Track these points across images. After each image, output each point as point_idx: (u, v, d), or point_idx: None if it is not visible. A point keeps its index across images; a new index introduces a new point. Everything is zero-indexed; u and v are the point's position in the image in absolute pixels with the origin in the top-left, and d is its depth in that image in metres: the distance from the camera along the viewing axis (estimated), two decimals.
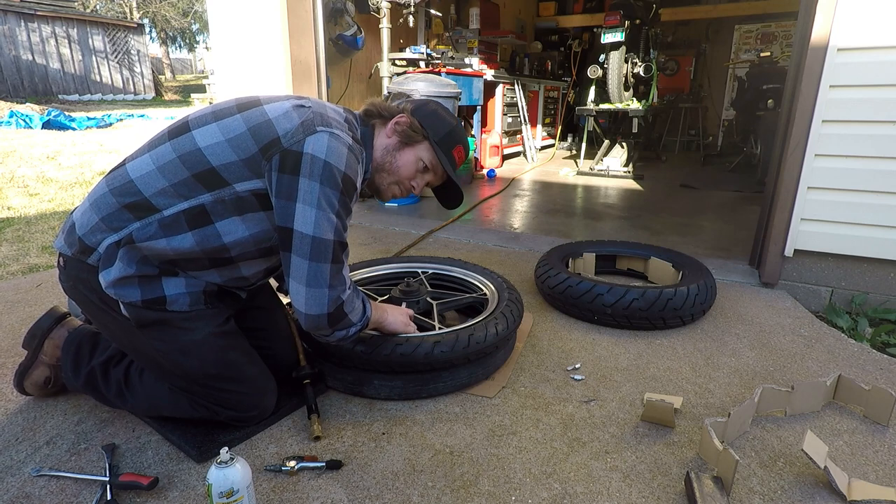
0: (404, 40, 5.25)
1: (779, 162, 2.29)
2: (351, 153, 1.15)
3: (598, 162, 5.65)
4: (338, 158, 1.12)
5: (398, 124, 1.32)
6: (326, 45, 3.56)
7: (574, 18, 8.35)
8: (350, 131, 1.22)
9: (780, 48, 7.31)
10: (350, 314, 1.20)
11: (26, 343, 1.40)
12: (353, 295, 1.21)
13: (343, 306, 1.17)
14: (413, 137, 1.33)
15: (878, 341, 1.94)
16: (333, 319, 1.17)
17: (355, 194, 1.21)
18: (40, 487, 1.13)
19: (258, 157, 1.12)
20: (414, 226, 3.35)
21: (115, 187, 1.14)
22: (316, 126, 1.13)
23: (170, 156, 1.13)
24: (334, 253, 1.13)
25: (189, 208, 1.12)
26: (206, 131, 1.15)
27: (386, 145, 1.34)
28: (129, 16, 20.15)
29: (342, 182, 1.12)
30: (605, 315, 1.91)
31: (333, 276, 1.14)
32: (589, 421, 1.40)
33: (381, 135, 1.34)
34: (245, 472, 0.99)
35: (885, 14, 1.90)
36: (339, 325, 1.20)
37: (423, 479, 1.17)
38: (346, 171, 1.13)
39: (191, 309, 1.20)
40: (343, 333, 1.23)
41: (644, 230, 3.35)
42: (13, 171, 4.69)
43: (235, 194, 1.13)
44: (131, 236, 1.11)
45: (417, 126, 1.33)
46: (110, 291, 1.14)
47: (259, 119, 1.14)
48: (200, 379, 1.23)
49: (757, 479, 1.19)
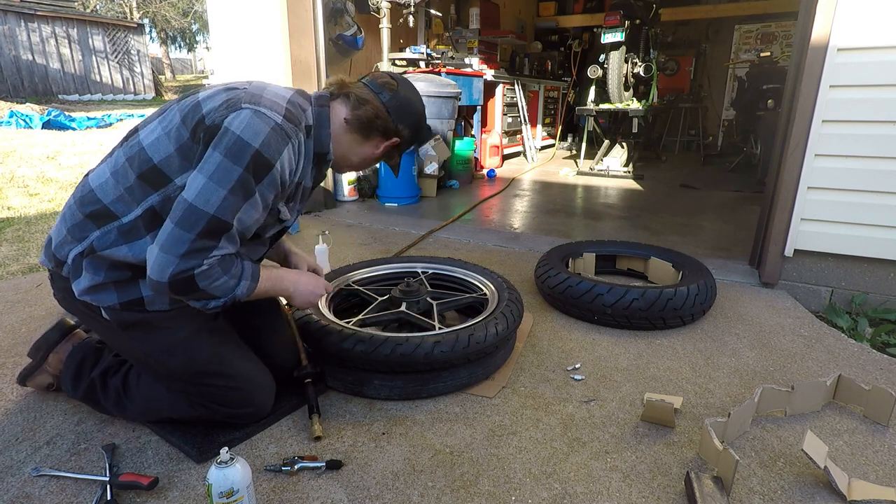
0: (404, 40, 5.25)
1: (779, 162, 2.29)
2: (275, 133, 1.08)
3: (598, 162, 5.65)
4: (253, 135, 1.05)
5: (361, 117, 1.25)
6: (326, 45, 3.56)
7: (574, 18, 8.35)
8: (293, 112, 1.15)
9: (780, 48, 7.31)
10: (209, 288, 1.08)
11: (32, 353, 1.41)
12: (218, 270, 1.08)
13: (195, 279, 1.05)
14: (377, 130, 1.27)
15: (878, 341, 1.94)
16: (178, 289, 1.07)
17: (272, 177, 1.10)
18: (40, 487, 1.13)
19: (190, 143, 1.10)
20: (414, 226, 3.35)
21: (79, 198, 1.15)
22: (241, 103, 1.09)
23: (121, 160, 1.14)
24: (207, 227, 1.04)
25: (143, 213, 1.11)
26: (149, 128, 1.14)
27: (347, 131, 1.27)
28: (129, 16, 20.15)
29: (251, 160, 1.05)
30: (605, 315, 1.91)
31: (193, 249, 1.04)
32: (589, 421, 1.40)
33: (340, 117, 1.27)
34: (245, 472, 0.99)
35: (885, 14, 1.90)
36: (191, 296, 1.10)
37: (423, 479, 1.17)
38: (259, 149, 1.06)
39: (171, 307, 1.19)
40: (200, 304, 1.13)
41: (644, 230, 3.35)
42: (13, 171, 4.68)
43: (179, 189, 1.10)
44: (92, 246, 1.12)
45: (386, 117, 1.26)
46: (86, 298, 1.15)
47: (191, 104, 1.12)
48: (190, 377, 1.22)
49: (757, 479, 1.19)
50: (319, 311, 1.58)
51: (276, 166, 1.09)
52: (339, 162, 1.34)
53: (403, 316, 1.65)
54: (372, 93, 1.26)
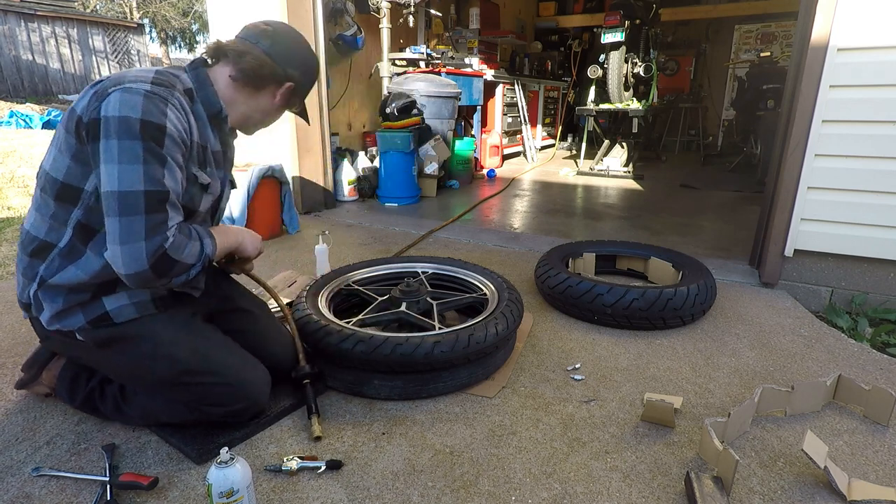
0: (404, 40, 5.25)
1: (779, 162, 2.29)
2: (149, 99, 1.07)
3: (598, 162, 5.65)
4: (131, 109, 1.05)
5: (245, 69, 1.24)
6: (326, 45, 3.56)
7: (574, 18, 8.34)
8: (161, 78, 1.14)
9: (780, 48, 7.31)
10: (183, 258, 1.09)
11: (25, 369, 1.41)
12: (181, 238, 1.09)
13: (169, 254, 1.06)
14: (267, 79, 1.26)
15: (878, 341, 1.94)
16: (161, 270, 1.06)
17: (170, 137, 1.10)
18: (40, 487, 1.14)
19: (79, 147, 1.10)
20: (414, 226, 3.35)
21: (21, 243, 1.20)
22: (108, 89, 1.08)
23: (38, 194, 1.18)
24: (148, 203, 1.04)
25: (74, 231, 1.13)
26: (47, 155, 1.17)
27: (236, 88, 1.26)
28: (129, 16, 20.14)
29: (141, 130, 1.05)
30: (605, 315, 1.91)
31: (151, 227, 1.04)
32: (589, 421, 1.40)
33: (225, 76, 1.25)
34: (245, 472, 0.99)
35: (885, 14, 1.90)
36: (173, 273, 1.09)
37: (423, 479, 1.17)
38: (143, 118, 1.05)
39: (140, 315, 1.20)
40: (183, 278, 1.12)
41: (644, 230, 3.35)
42: (13, 171, 4.68)
43: (93, 194, 1.11)
44: (42, 277, 1.15)
45: (271, 64, 1.25)
46: (56, 327, 1.17)
47: (68, 114, 1.12)
48: (177, 377, 1.21)
49: (757, 479, 1.19)
50: (319, 311, 1.59)
51: (168, 126, 1.09)
52: (243, 122, 1.33)
53: (403, 316, 1.65)
54: (249, 44, 1.25)
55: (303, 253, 2.79)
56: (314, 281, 1.84)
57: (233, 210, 2.89)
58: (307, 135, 3.53)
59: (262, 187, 2.91)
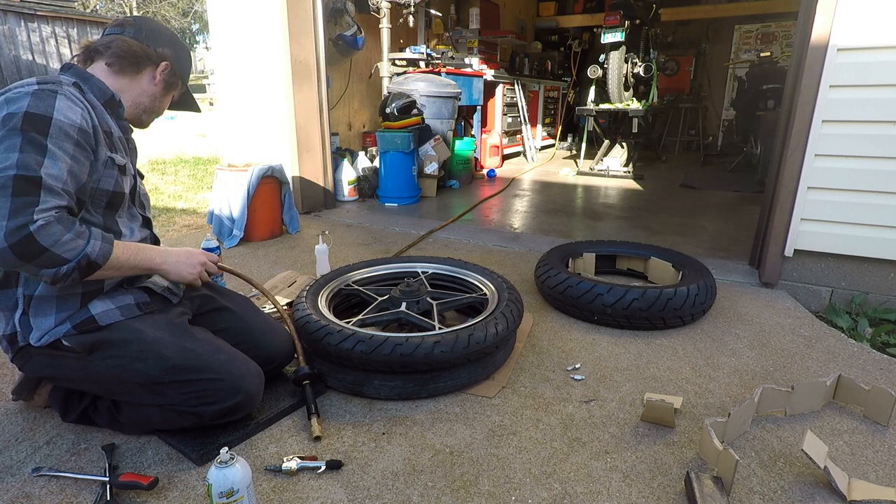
0: (404, 40, 5.25)
1: (779, 162, 2.29)
2: (36, 95, 1.10)
3: (598, 162, 5.64)
4: (17, 105, 1.08)
5: (118, 52, 1.29)
6: (326, 45, 3.56)
7: (574, 18, 8.35)
8: (45, 79, 1.16)
9: (780, 48, 7.31)
10: (53, 248, 1.04)
11: (15, 392, 1.40)
12: (58, 228, 1.05)
13: (35, 237, 1.02)
14: (142, 60, 1.32)
15: (878, 341, 1.94)
16: (22, 252, 1.02)
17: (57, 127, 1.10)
18: (40, 487, 1.14)
19: None
20: (414, 226, 3.35)
21: None
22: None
23: None
24: (16, 185, 1.03)
25: None
26: None
27: (116, 74, 1.30)
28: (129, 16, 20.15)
29: (24, 120, 1.07)
30: (605, 315, 1.91)
31: (14, 208, 1.02)
32: (589, 421, 1.40)
33: (101, 67, 1.30)
34: (245, 472, 0.99)
35: (885, 14, 1.90)
36: (40, 261, 1.04)
37: (423, 479, 1.17)
38: (28, 110, 1.08)
39: (125, 316, 1.23)
40: (52, 272, 1.06)
41: (644, 230, 3.35)
42: None
43: None
44: (27, 297, 1.17)
45: (141, 45, 1.31)
46: (45, 340, 1.18)
47: None
48: (167, 376, 1.20)
49: (757, 479, 1.19)
50: (319, 311, 1.59)
51: (56, 115, 1.10)
52: (135, 108, 1.36)
53: (403, 316, 1.65)
54: (114, 35, 1.31)
55: (303, 253, 2.79)
56: (314, 281, 1.84)
57: (233, 210, 2.89)
58: (307, 135, 3.53)
59: (261, 187, 2.91)
